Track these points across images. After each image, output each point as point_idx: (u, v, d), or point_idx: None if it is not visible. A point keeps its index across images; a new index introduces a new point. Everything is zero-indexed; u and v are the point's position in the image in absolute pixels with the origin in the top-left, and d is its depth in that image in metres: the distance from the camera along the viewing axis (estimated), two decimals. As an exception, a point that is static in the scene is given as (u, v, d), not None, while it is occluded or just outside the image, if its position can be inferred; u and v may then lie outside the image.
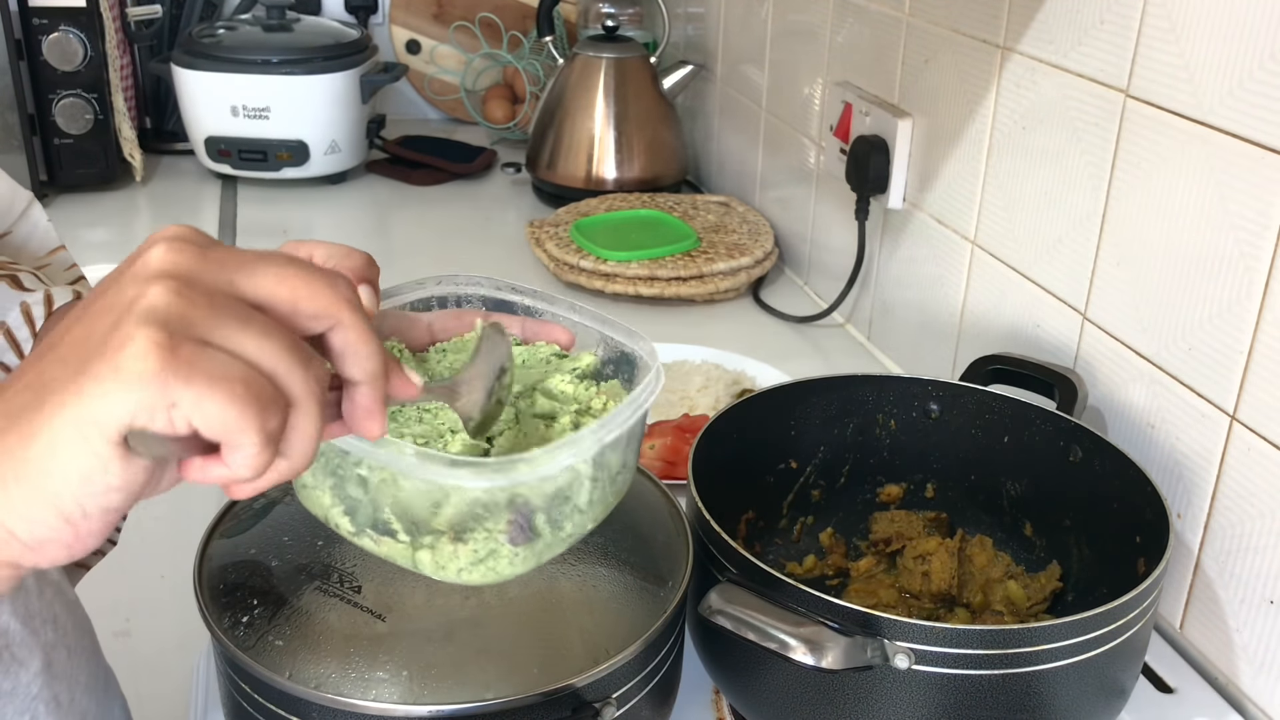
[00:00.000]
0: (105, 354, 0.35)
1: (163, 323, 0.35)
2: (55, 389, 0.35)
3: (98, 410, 0.34)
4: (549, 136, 1.61)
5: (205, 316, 0.36)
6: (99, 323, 0.36)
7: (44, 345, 0.38)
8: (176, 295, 0.36)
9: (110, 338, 0.35)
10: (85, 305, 0.38)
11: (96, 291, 0.38)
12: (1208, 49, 0.73)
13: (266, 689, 0.56)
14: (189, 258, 0.37)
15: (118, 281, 0.37)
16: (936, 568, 0.78)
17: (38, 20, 1.48)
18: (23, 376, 0.37)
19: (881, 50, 1.15)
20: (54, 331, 0.38)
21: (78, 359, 0.35)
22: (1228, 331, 0.73)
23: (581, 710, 0.56)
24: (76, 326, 0.37)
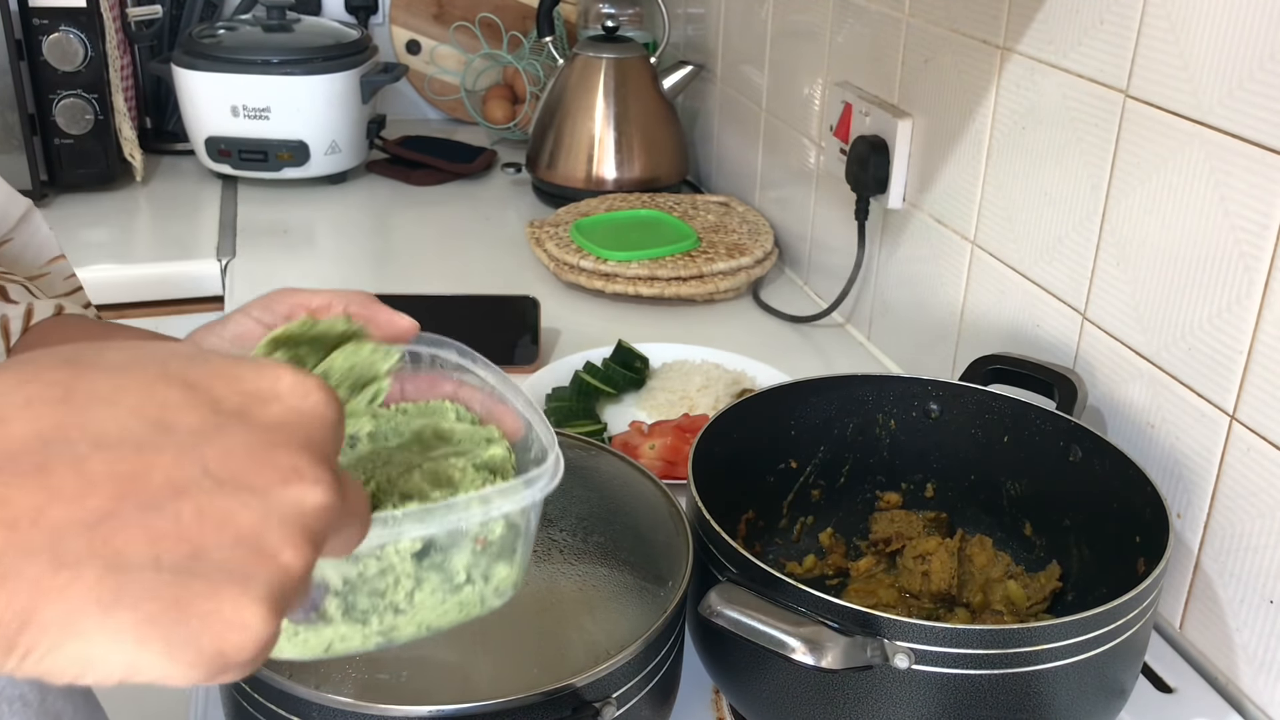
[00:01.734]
0: (212, 622, 0.30)
1: (279, 614, 0.31)
2: (133, 601, 0.29)
3: (172, 676, 0.30)
4: (549, 137, 1.61)
5: (299, 599, 0.33)
6: (219, 540, 0.30)
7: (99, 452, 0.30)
8: (301, 576, 0.32)
9: (228, 599, 0.30)
10: (188, 451, 0.31)
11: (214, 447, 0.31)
12: (1208, 49, 0.73)
13: (266, 689, 0.56)
14: (334, 518, 0.33)
15: (255, 492, 0.31)
16: (936, 568, 0.78)
17: (38, 20, 1.48)
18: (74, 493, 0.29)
19: (881, 50, 1.15)
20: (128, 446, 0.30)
21: (182, 576, 0.30)
22: (1227, 331, 0.73)
23: (581, 710, 0.56)
24: (185, 507, 0.30)
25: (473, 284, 1.33)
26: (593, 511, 0.67)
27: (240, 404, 0.32)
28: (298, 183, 1.67)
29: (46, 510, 0.28)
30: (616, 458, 0.74)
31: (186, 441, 0.30)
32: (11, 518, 0.28)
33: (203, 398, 0.32)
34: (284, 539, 0.31)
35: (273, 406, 0.32)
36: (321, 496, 0.32)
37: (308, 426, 0.33)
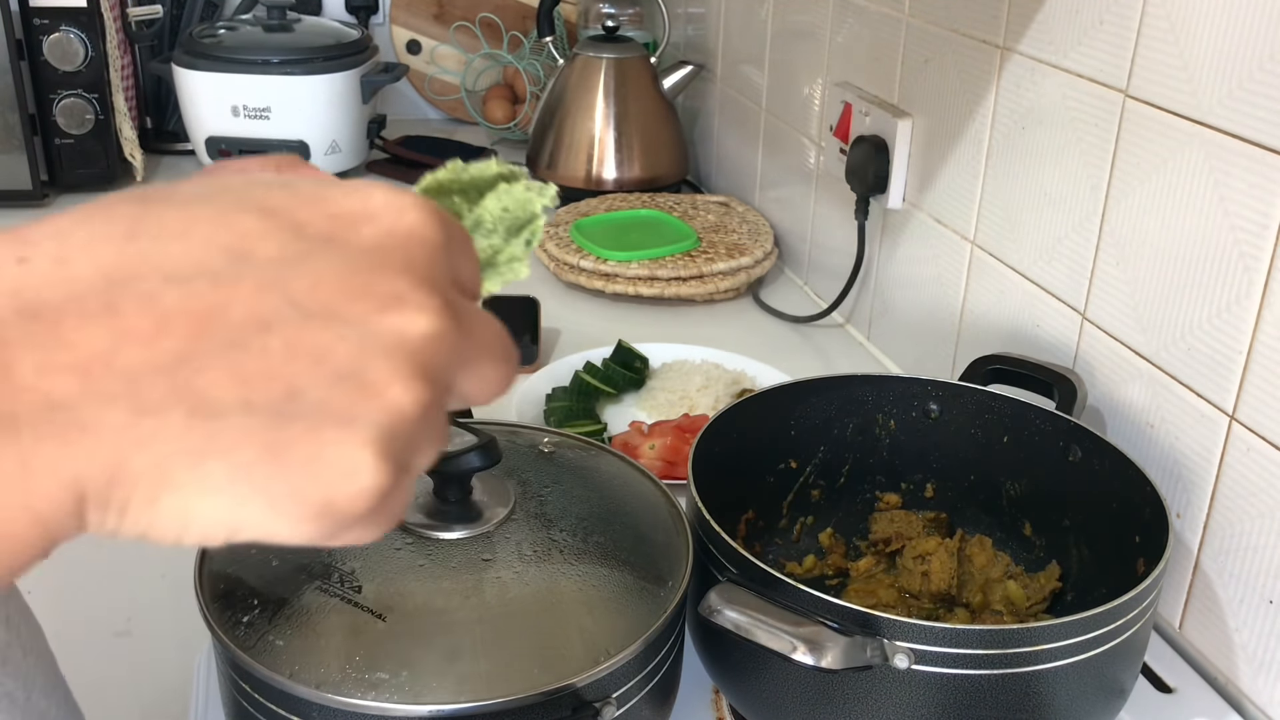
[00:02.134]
0: (316, 470, 0.27)
1: (398, 462, 0.28)
2: (235, 442, 0.26)
3: (266, 522, 0.28)
4: (549, 137, 1.61)
5: (425, 445, 0.29)
6: (314, 377, 0.27)
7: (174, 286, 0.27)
8: (422, 421, 0.28)
9: (331, 443, 0.27)
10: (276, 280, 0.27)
11: (305, 271, 0.28)
12: (1207, 49, 0.73)
13: (267, 689, 0.56)
14: (449, 350, 0.29)
15: (353, 321, 0.28)
16: (936, 568, 0.78)
17: (38, 20, 1.48)
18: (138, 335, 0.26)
19: (881, 50, 1.15)
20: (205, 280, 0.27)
21: (275, 421, 0.27)
22: (1227, 331, 0.73)
23: (581, 710, 0.56)
24: (274, 341, 0.27)
25: (473, 284, 1.33)
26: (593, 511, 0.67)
27: (327, 228, 0.29)
28: (298, 183, 1.67)
29: (120, 353, 0.26)
30: (616, 458, 0.74)
31: (268, 271, 0.27)
32: (83, 363, 0.26)
33: (284, 223, 0.28)
34: (390, 372, 0.27)
35: (364, 229, 0.29)
36: (428, 324, 0.28)
37: (407, 247, 0.29)
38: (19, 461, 0.25)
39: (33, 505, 0.25)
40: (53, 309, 0.26)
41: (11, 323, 0.25)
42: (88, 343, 0.26)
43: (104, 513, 0.26)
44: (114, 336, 0.26)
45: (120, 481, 0.26)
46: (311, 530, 0.27)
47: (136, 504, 0.26)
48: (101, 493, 0.26)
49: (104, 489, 0.26)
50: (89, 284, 0.26)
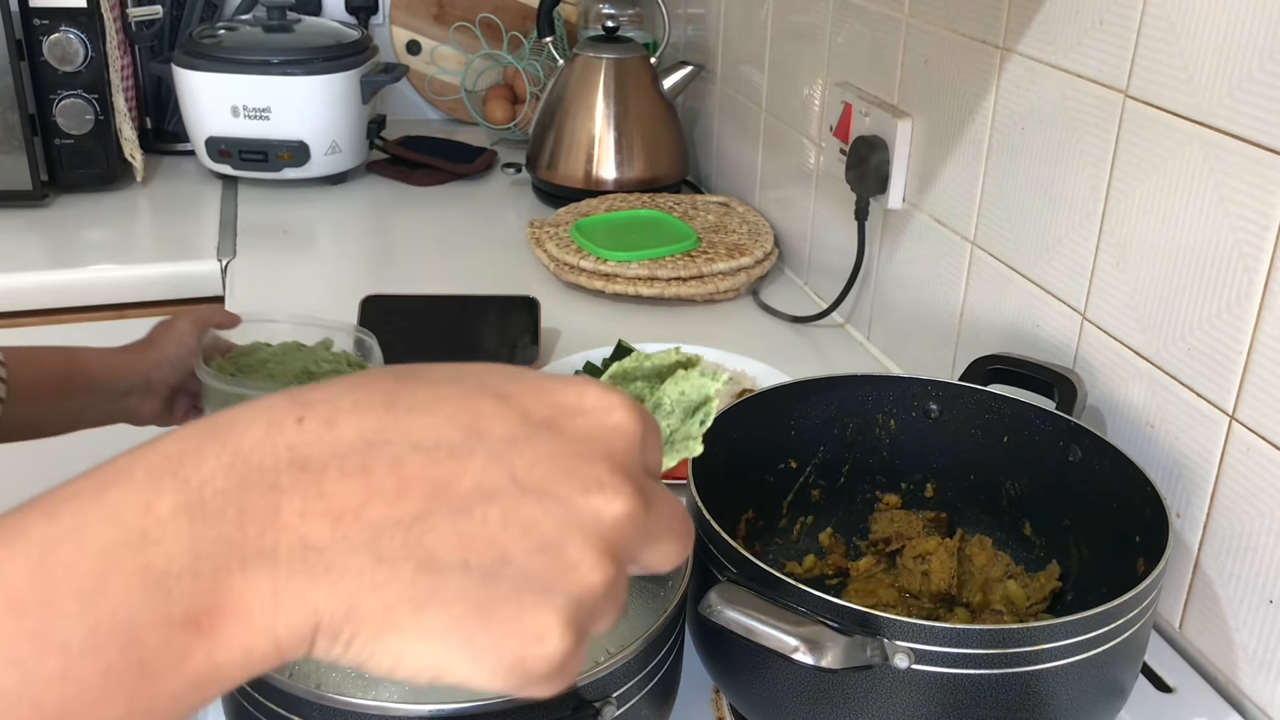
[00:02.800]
0: (514, 631, 0.30)
1: (580, 634, 0.32)
2: (446, 602, 0.30)
3: (471, 674, 0.31)
4: (549, 137, 1.61)
5: (605, 614, 0.33)
6: (523, 546, 0.31)
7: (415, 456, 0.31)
8: (599, 592, 0.32)
9: (530, 609, 0.31)
10: (498, 463, 0.31)
11: (522, 458, 0.32)
12: (1207, 49, 0.73)
13: (266, 689, 0.56)
14: (637, 530, 0.33)
15: (558, 502, 0.31)
16: (936, 567, 0.78)
17: (38, 20, 1.48)
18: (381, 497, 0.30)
19: (881, 50, 1.15)
20: (442, 452, 0.31)
21: (484, 586, 0.30)
22: (1227, 331, 0.73)
23: (581, 710, 0.56)
24: (490, 512, 0.31)
25: (473, 284, 1.33)
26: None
27: (549, 416, 0.33)
28: (298, 183, 1.67)
29: (367, 508, 0.30)
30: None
31: (496, 449, 0.32)
32: (337, 512, 0.30)
33: (515, 408, 0.33)
34: (584, 549, 0.31)
35: (579, 420, 0.33)
36: (621, 507, 0.32)
37: (611, 439, 0.33)
38: (271, 590, 0.29)
39: (275, 629, 0.30)
40: (319, 464, 0.30)
41: (285, 471, 0.30)
42: (343, 496, 0.30)
43: (332, 643, 0.30)
44: (365, 493, 0.30)
45: (352, 619, 0.30)
46: (502, 683, 0.31)
47: (361, 639, 0.30)
48: (334, 626, 0.30)
49: (338, 623, 0.30)
50: (349, 445, 0.31)
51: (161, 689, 0.29)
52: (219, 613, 0.29)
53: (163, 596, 0.29)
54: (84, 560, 0.29)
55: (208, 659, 0.30)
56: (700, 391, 0.50)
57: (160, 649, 0.29)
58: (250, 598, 0.30)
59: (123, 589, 0.29)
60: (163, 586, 0.29)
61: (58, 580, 0.28)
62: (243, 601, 0.30)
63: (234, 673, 0.30)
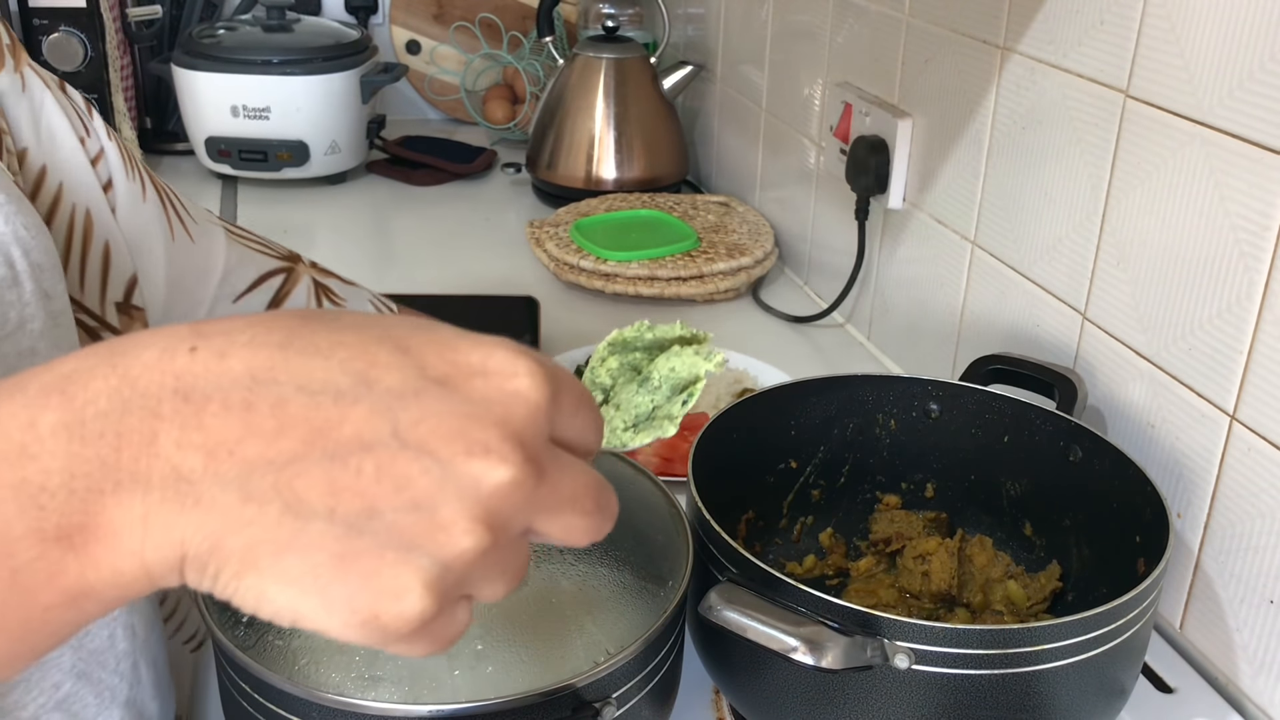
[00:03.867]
0: (371, 586, 0.30)
1: (441, 600, 0.31)
2: (310, 546, 0.30)
3: (329, 623, 0.31)
4: (549, 137, 1.61)
5: (486, 581, 0.33)
6: (393, 518, 0.30)
7: (299, 396, 0.31)
8: (481, 561, 0.31)
9: (389, 565, 0.30)
10: (382, 412, 0.31)
11: (408, 411, 0.31)
12: (1208, 49, 0.73)
13: (266, 689, 0.56)
14: (523, 500, 0.32)
15: (438, 460, 0.31)
16: (936, 568, 0.78)
17: (38, 20, 1.48)
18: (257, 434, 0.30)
19: (881, 50, 1.15)
20: (325, 396, 0.31)
21: (349, 537, 0.30)
22: (1228, 331, 0.73)
23: (581, 710, 0.56)
24: (366, 464, 0.30)
25: (473, 284, 1.33)
26: (593, 511, 0.67)
27: (447, 373, 0.32)
28: (297, 183, 1.67)
29: (243, 444, 0.30)
30: (616, 458, 0.74)
31: (383, 399, 0.31)
32: (212, 446, 0.30)
33: (412, 361, 0.32)
34: (457, 512, 0.31)
35: (477, 381, 0.32)
36: (505, 475, 0.31)
37: (509, 404, 0.32)
38: (142, 516, 0.30)
39: (144, 554, 0.30)
40: (202, 395, 0.30)
41: (168, 399, 0.30)
42: (220, 430, 0.30)
43: (200, 575, 0.31)
44: (242, 429, 0.30)
45: (216, 554, 0.30)
46: (356, 635, 0.31)
47: (225, 575, 0.30)
48: (200, 558, 0.30)
49: (203, 556, 0.30)
50: (236, 379, 0.31)
51: (35, 600, 0.30)
52: (90, 532, 0.30)
53: (36, 511, 0.30)
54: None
55: (80, 577, 0.30)
56: (691, 370, 0.50)
57: (32, 562, 0.30)
58: (120, 521, 0.30)
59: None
60: (36, 501, 0.30)
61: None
62: (113, 524, 0.30)
63: (107, 593, 0.31)
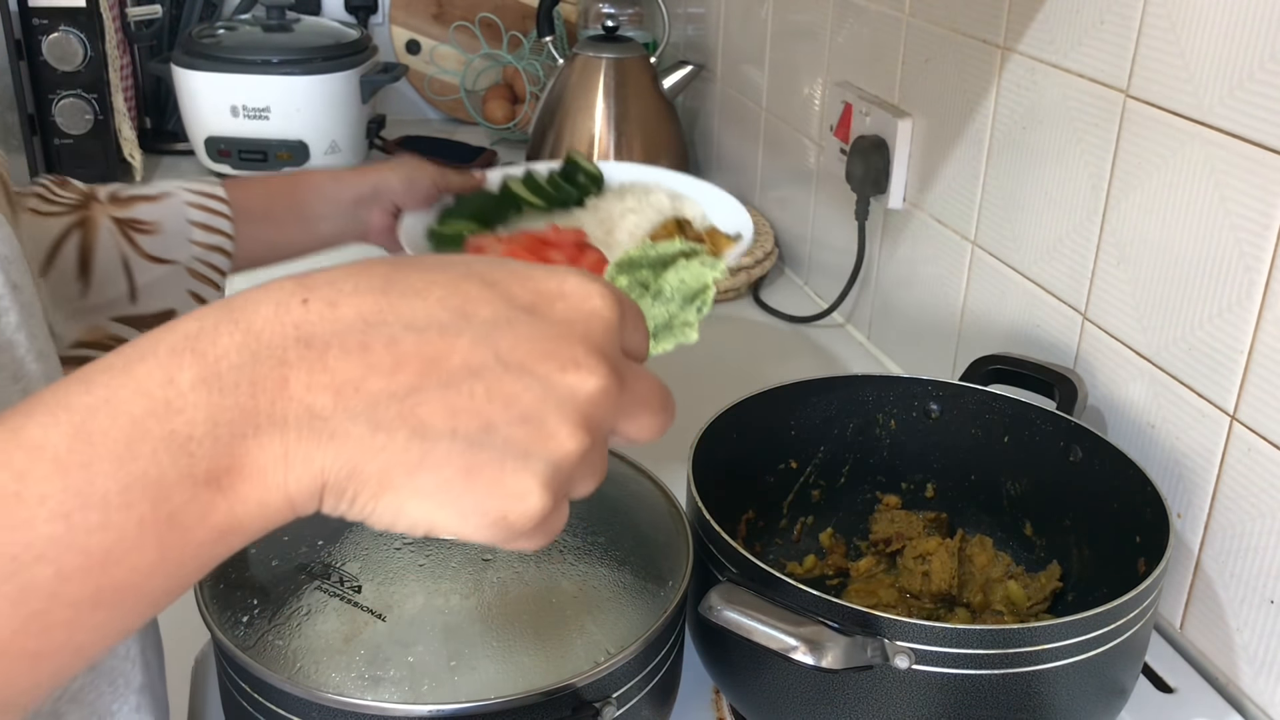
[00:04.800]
0: (497, 491, 0.35)
1: (557, 496, 0.36)
2: (433, 466, 0.34)
3: (458, 526, 0.35)
4: (549, 136, 1.61)
5: (583, 479, 0.37)
6: (504, 431, 0.35)
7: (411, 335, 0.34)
8: (574, 464, 0.36)
9: (510, 472, 0.35)
10: (485, 343, 0.35)
11: (506, 338, 0.35)
12: (1208, 49, 0.73)
13: (266, 689, 0.56)
14: (609, 408, 0.37)
15: (537, 377, 0.35)
16: (936, 568, 0.78)
17: (38, 20, 1.48)
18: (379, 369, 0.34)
19: (881, 50, 1.15)
20: (437, 332, 0.35)
21: (469, 453, 0.34)
22: (1228, 331, 0.73)
23: (581, 710, 0.56)
24: (476, 387, 0.35)
25: (473, 284, 1.33)
26: (593, 511, 0.67)
27: (531, 301, 0.36)
28: (297, 183, 1.66)
29: (366, 381, 0.34)
30: (617, 458, 0.74)
31: (482, 330, 0.35)
32: (339, 385, 0.34)
33: (500, 293, 0.36)
34: (560, 420, 0.35)
35: (558, 305, 0.37)
36: (596, 384, 0.36)
37: (589, 323, 0.37)
38: (283, 453, 0.34)
39: (287, 487, 0.34)
40: (322, 341, 0.34)
41: (292, 348, 0.34)
42: (344, 370, 0.34)
43: (338, 500, 0.35)
44: (363, 368, 0.34)
45: (354, 479, 0.34)
46: (487, 536, 0.36)
47: (363, 498, 0.35)
48: (339, 485, 0.34)
49: (342, 482, 0.34)
50: (349, 324, 0.34)
51: (189, 539, 0.34)
52: (237, 473, 0.33)
53: (186, 459, 0.33)
54: (117, 427, 0.32)
55: (229, 513, 0.34)
56: (699, 279, 0.52)
57: (186, 504, 0.33)
58: (264, 460, 0.34)
59: (151, 452, 0.32)
60: (186, 450, 0.33)
61: (95, 444, 0.32)
62: (257, 463, 0.34)
63: (252, 524, 0.35)
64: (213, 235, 0.83)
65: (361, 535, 0.63)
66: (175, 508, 0.33)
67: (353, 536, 0.63)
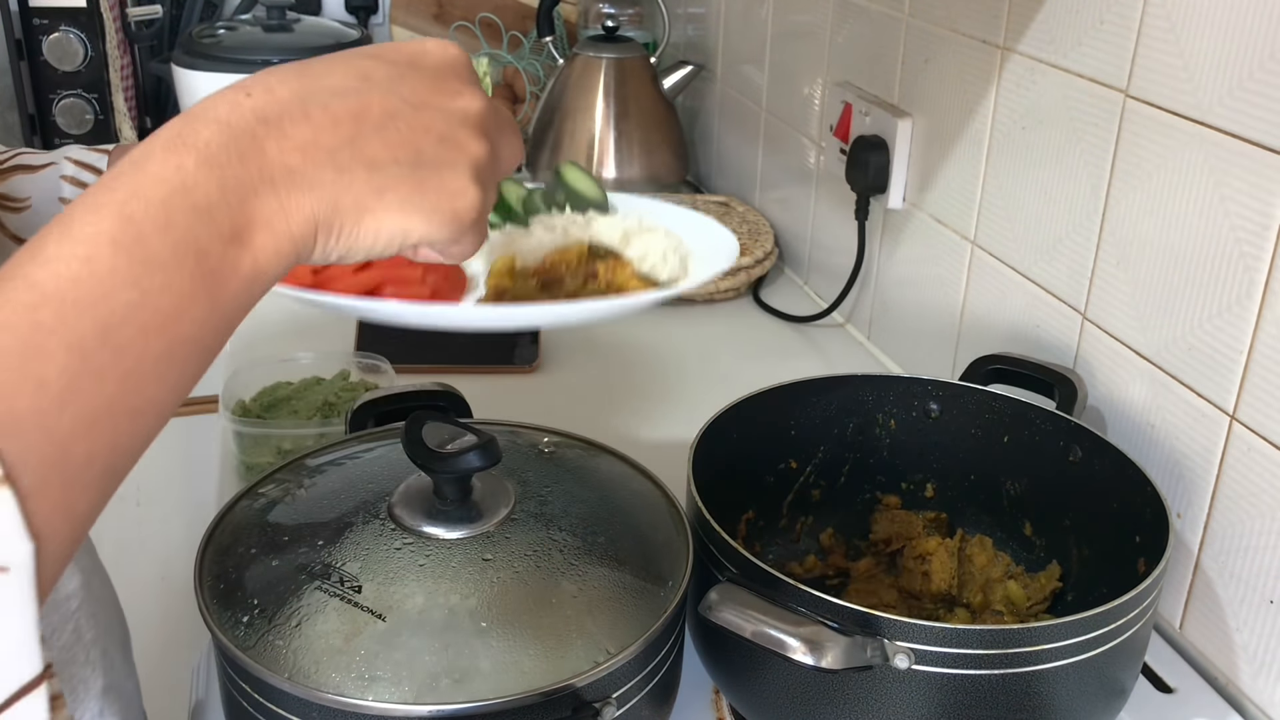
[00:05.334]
0: (444, 191, 0.46)
1: (484, 186, 0.47)
2: (393, 188, 0.45)
3: (425, 232, 0.46)
4: (549, 136, 1.61)
5: (490, 183, 0.49)
6: (432, 150, 0.46)
7: (339, 98, 0.45)
8: (489, 162, 0.48)
9: (449, 178, 0.46)
10: (395, 95, 0.46)
11: (405, 89, 0.46)
12: (1208, 49, 0.73)
13: (266, 689, 0.56)
14: (493, 123, 0.48)
15: (438, 107, 0.47)
16: (936, 568, 0.78)
17: (38, 20, 1.48)
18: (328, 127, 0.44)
19: (881, 50, 1.15)
20: (357, 93, 0.45)
21: (414, 173, 0.45)
22: (1228, 331, 0.73)
23: (581, 710, 0.56)
24: (400, 126, 0.45)
25: (473, 284, 1.33)
26: (593, 511, 0.67)
27: (409, 58, 0.47)
28: (298, 183, 1.66)
29: (319, 138, 0.43)
30: (617, 458, 0.74)
31: (385, 84, 0.46)
32: (301, 145, 0.43)
33: (384, 60, 0.47)
34: (468, 134, 0.47)
35: (428, 58, 0.48)
36: (481, 103, 0.48)
37: (455, 66, 0.48)
38: (279, 206, 0.42)
39: (291, 231, 0.43)
40: (275, 116, 0.43)
41: (257, 126, 0.43)
42: (300, 134, 0.43)
43: (328, 236, 0.44)
44: (313, 129, 0.43)
45: (338, 212, 0.44)
46: (446, 231, 0.47)
47: (349, 226, 0.44)
48: (328, 222, 0.44)
49: (329, 219, 0.44)
50: (289, 101, 0.44)
51: (228, 290, 0.41)
52: (251, 227, 0.42)
53: (212, 223, 0.40)
54: (152, 208, 0.39)
55: (253, 263, 0.42)
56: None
57: (221, 259, 0.41)
58: (268, 213, 0.42)
59: (185, 223, 0.40)
60: (210, 216, 0.40)
61: (139, 223, 0.39)
62: (264, 216, 0.42)
63: (271, 269, 0.43)
64: None
65: (362, 535, 0.63)
66: (214, 264, 0.40)
67: (353, 536, 0.63)
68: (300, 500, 0.68)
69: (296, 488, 0.69)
